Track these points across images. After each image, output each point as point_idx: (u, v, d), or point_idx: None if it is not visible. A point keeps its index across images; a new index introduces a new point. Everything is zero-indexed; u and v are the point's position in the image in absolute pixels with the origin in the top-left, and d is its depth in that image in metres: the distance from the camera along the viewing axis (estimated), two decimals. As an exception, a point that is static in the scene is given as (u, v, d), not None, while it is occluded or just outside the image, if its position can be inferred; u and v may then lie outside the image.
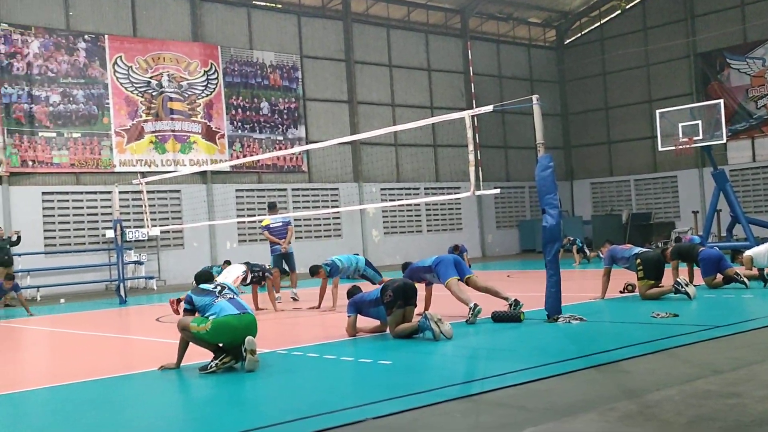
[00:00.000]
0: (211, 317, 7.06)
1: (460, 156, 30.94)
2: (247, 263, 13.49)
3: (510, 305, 9.90)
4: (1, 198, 21.45)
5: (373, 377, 6.69)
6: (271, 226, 15.92)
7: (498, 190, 11.25)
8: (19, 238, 19.23)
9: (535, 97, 9.58)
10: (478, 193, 10.33)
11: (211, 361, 7.10)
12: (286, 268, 15.78)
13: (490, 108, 10.10)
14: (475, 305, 9.70)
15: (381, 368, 7.00)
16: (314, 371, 7.13)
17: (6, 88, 21.65)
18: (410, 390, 5.88)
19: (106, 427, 5.46)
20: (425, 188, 31.27)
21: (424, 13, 32.25)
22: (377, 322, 9.08)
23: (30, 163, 21.99)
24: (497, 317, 9.64)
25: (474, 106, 11.31)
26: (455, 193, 30.34)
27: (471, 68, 31.74)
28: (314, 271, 12.98)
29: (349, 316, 8.98)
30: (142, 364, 8.08)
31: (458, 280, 10.11)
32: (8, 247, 18.90)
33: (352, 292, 9.28)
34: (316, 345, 8.61)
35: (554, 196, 9.55)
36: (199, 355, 7.38)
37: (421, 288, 9.81)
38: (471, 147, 10.26)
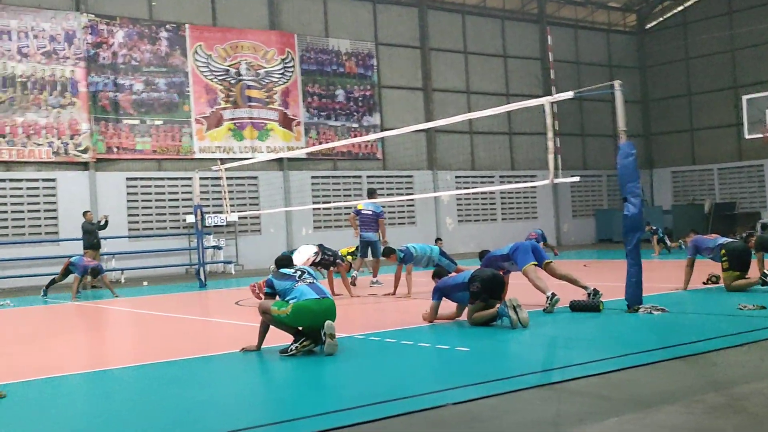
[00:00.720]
0: (291, 301, 7.18)
1: (536, 144, 30.57)
2: (320, 245, 13.63)
3: (588, 294, 9.75)
4: (88, 183, 22.24)
5: (451, 363, 6.69)
6: (362, 211, 16.20)
7: (577, 178, 11.03)
8: (106, 222, 19.87)
9: (617, 83, 9.36)
10: (556, 181, 10.17)
11: (291, 344, 7.22)
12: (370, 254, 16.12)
13: (570, 94, 9.93)
14: (553, 294, 9.58)
15: (459, 355, 6.99)
16: (392, 356, 7.18)
17: (93, 77, 22.40)
18: (489, 377, 5.86)
19: (191, 404, 5.61)
20: (500, 176, 31.01)
21: (500, -1, 31.90)
22: (454, 308, 9.06)
23: (115, 149, 22.72)
24: (575, 306, 9.51)
25: (553, 92, 11.02)
26: (531, 181, 30.00)
27: (550, 54, 31.18)
28: (387, 253, 13.13)
29: (433, 301, 8.97)
30: (223, 346, 8.27)
31: (536, 266, 10.01)
32: (97, 231, 19.54)
33: (439, 273, 9.32)
34: (393, 330, 8.66)
35: (636, 185, 9.35)
36: (279, 339, 7.52)
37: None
38: (550, 134, 10.11)
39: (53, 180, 21.93)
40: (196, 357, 7.70)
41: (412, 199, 27.77)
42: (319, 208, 25.54)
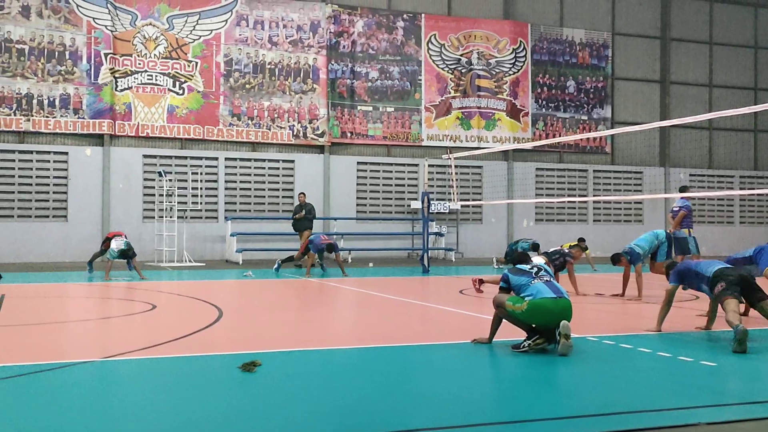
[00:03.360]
0: (527, 298, 7.09)
1: (785, 143, 28.08)
2: (545, 254, 13.44)
3: None
4: (322, 166, 23.48)
5: (696, 378, 6.27)
6: (673, 208, 16.12)
7: None
8: (309, 211, 20.20)
9: None
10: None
11: (524, 340, 7.14)
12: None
13: None
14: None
15: (704, 369, 6.54)
16: (629, 363, 6.86)
17: (333, 65, 23.57)
18: (742, 398, 5.44)
19: (418, 393, 5.67)
20: (740, 176, 28.79)
21: (754, -15, 29.47)
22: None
23: (348, 134, 23.78)
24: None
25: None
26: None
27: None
28: (615, 260, 12.64)
29: (670, 285, 8.49)
30: (452, 335, 8.34)
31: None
32: (302, 215, 19.98)
33: (670, 267, 8.85)
34: (628, 335, 8.29)
35: None
36: (512, 333, 7.47)
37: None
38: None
39: (292, 161, 23.37)
40: (426, 344, 7.84)
41: (641, 199, 26.59)
42: (541, 201, 25.12)
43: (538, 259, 12.59)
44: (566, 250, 13.38)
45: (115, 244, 15.68)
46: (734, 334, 7.22)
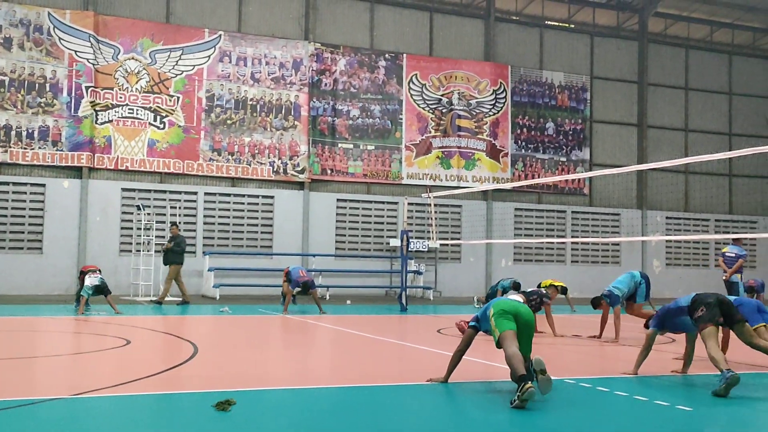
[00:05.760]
0: (491, 307, 7.36)
1: (758, 188, 28.47)
2: (523, 293, 13.39)
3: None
4: (302, 202, 23.46)
5: (672, 423, 6.25)
6: (726, 254, 16.29)
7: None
8: (172, 243, 18.69)
9: None
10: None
11: (516, 391, 6.77)
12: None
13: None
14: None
15: (680, 414, 6.52)
16: (606, 407, 6.83)
17: (314, 102, 23.70)
18: (719, 444, 5.42)
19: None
20: (716, 220, 29.12)
21: (729, 33, 30.11)
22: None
23: (329, 171, 23.82)
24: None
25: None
26: (751, 229, 27.94)
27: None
28: (596, 303, 12.70)
29: (650, 329, 8.48)
30: (430, 376, 8.24)
31: (765, 327, 9.18)
32: (172, 246, 18.52)
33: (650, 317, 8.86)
34: (605, 378, 8.27)
35: None
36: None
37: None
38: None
39: (272, 197, 23.34)
40: (402, 384, 7.77)
41: (618, 241, 26.80)
42: (520, 241, 25.22)
43: (516, 297, 12.57)
44: (543, 291, 13.37)
45: (89, 281, 15.56)
46: (724, 379, 7.14)
